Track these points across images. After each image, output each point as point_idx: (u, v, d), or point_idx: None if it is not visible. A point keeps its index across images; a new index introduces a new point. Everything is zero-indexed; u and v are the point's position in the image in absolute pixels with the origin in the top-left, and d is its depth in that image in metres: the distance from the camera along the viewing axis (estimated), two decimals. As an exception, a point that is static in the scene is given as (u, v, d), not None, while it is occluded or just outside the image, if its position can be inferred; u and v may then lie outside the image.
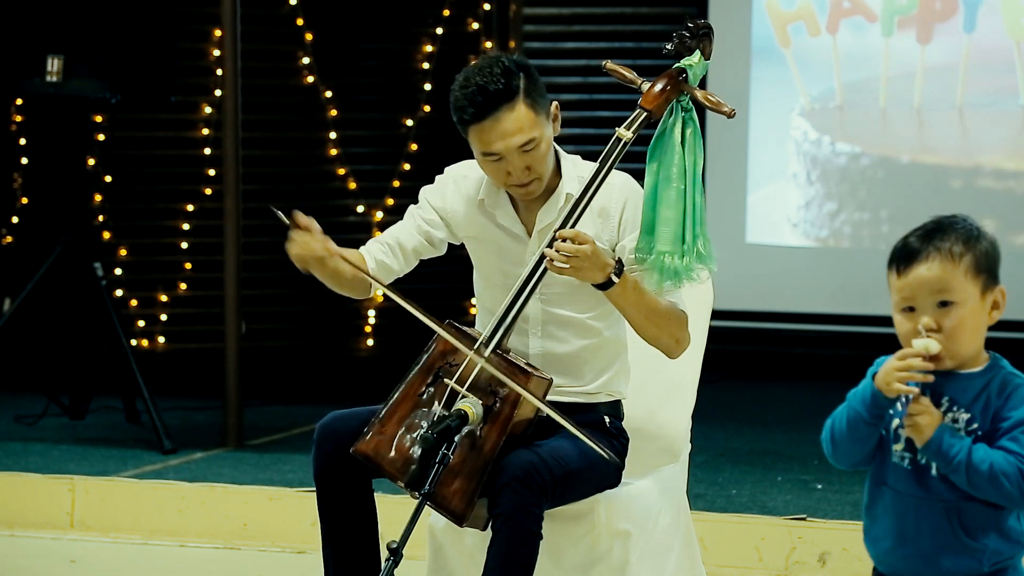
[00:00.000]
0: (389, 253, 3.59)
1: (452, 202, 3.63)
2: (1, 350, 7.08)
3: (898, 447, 2.64)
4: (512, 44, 8.18)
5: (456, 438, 3.26)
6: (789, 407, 7.15)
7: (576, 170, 3.54)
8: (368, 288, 3.56)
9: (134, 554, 5.09)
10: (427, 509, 3.28)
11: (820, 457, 6.15)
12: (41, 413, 6.52)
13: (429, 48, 8.02)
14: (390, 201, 8.03)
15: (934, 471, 2.60)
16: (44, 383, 6.85)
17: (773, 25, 8.00)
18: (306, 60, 7.96)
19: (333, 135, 8.03)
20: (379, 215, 8.01)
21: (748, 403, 7.30)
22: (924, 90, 7.81)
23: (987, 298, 2.62)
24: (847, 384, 2.57)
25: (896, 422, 2.63)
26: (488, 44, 8.09)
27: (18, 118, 7.87)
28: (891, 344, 2.61)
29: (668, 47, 3.47)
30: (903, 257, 2.63)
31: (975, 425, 2.60)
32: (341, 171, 8.03)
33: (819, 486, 5.38)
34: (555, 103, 3.55)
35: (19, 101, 7.85)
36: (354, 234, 8.25)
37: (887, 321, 8.34)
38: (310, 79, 7.98)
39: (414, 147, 8.01)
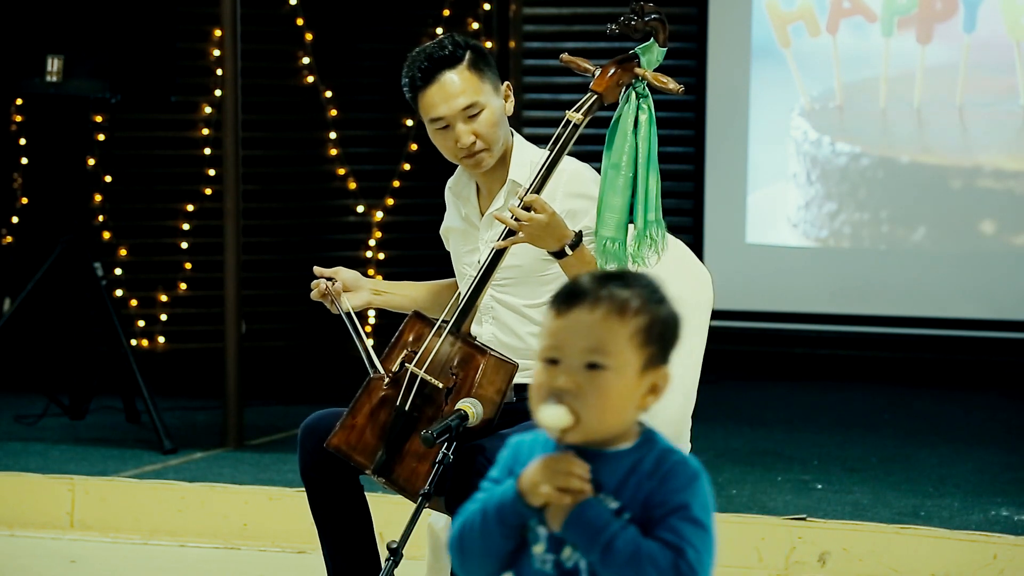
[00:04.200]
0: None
1: (451, 214, 3.73)
2: (1, 350, 7.07)
3: (538, 549, 2.19)
4: (512, 44, 8.18)
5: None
6: (789, 407, 7.15)
7: (527, 156, 3.58)
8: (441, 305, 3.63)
9: (134, 554, 5.09)
10: (427, 509, 3.29)
11: (820, 457, 6.16)
12: (41, 413, 6.52)
13: (429, 48, 8.01)
14: (390, 201, 8.02)
15: (584, 575, 2.16)
16: (44, 383, 6.84)
17: (773, 25, 8.00)
18: (306, 60, 7.95)
19: (333, 135, 8.02)
20: (379, 215, 8.00)
21: (748, 403, 7.29)
22: (924, 90, 7.81)
23: (647, 377, 2.16)
24: (847, 384, 2.54)
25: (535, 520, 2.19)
26: (488, 44, 8.09)
27: (18, 118, 7.87)
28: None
29: (612, 27, 3.49)
30: (566, 296, 2.17)
31: (627, 516, 2.14)
32: (341, 171, 8.02)
33: (819, 486, 5.37)
34: (507, 83, 3.61)
35: (19, 101, 7.84)
36: (354, 234, 8.30)
37: (887, 321, 8.36)
38: (310, 79, 7.97)
39: (414, 147, 8.00)
